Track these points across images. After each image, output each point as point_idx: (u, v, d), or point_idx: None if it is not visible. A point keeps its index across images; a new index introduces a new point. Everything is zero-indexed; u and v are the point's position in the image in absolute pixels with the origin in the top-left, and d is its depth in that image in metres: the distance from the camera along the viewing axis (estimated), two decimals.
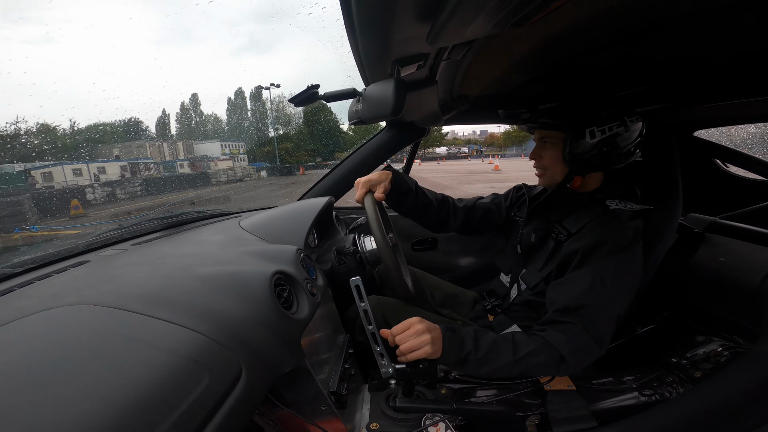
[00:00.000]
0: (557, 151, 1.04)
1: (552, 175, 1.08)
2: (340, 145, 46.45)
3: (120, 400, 0.40)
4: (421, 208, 1.27)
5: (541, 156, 1.09)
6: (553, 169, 1.07)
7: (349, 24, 0.62)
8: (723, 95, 1.09)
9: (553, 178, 1.09)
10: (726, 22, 0.66)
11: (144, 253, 0.89)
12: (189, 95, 79.02)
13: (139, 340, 0.50)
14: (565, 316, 0.91)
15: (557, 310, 0.93)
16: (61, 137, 31.79)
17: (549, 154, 1.06)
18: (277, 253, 0.88)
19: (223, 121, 53.25)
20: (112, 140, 39.14)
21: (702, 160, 1.62)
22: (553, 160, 1.06)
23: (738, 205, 1.51)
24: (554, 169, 1.07)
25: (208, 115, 56.35)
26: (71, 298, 0.60)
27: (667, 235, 1.13)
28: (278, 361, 0.64)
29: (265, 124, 48.85)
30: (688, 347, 1.22)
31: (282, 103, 48.47)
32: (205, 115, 55.62)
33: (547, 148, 1.07)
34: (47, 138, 19.20)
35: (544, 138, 1.06)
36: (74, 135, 22.63)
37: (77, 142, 34.50)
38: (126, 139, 40.03)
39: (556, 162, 1.05)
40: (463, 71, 0.97)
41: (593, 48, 0.81)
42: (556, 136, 1.03)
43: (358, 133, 34.73)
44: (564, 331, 0.89)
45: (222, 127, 49.34)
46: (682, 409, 0.95)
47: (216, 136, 50.87)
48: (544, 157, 1.08)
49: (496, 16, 0.56)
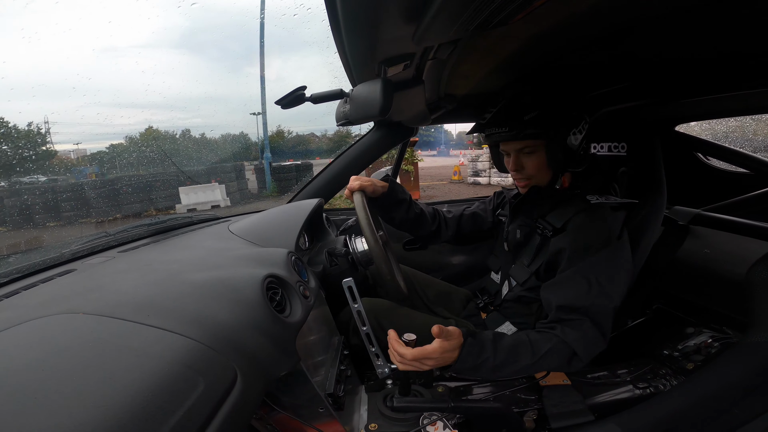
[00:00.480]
0: (540, 159, 1.03)
1: (538, 181, 1.08)
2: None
3: (114, 409, 0.40)
4: (414, 220, 1.30)
5: (523, 166, 1.06)
6: (539, 176, 1.07)
7: (335, 24, 0.62)
8: (704, 90, 1.11)
9: (540, 184, 1.09)
10: (708, 19, 0.68)
11: (132, 259, 0.88)
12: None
13: (131, 347, 0.50)
14: (572, 314, 0.92)
15: (561, 308, 0.94)
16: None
17: (532, 163, 1.05)
18: (269, 257, 0.87)
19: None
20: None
21: (684, 154, 1.66)
22: (537, 168, 1.05)
23: (720, 197, 1.54)
24: (539, 176, 1.07)
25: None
26: (59, 307, 0.58)
27: (652, 228, 1.15)
28: (273, 365, 0.64)
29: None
30: (679, 339, 1.24)
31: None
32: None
33: (528, 157, 1.04)
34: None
35: (524, 148, 1.04)
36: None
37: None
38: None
39: (540, 169, 1.05)
40: (450, 70, 0.97)
41: (578, 46, 0.82)
42: (538, 144, 1.02)
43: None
44: (575, 328, 0.90)
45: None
46: (677, 401, 0.96)
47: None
48: (527, 167, 1.06)
49: (480, 15, 0.57)
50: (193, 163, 16.33)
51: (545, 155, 1.02)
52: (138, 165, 15.47)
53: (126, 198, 10.02)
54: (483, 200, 1.45)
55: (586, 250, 0.96)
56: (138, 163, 15.88)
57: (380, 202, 1.22)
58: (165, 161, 15.07)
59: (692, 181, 1.67)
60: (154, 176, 11.60)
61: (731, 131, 1.95)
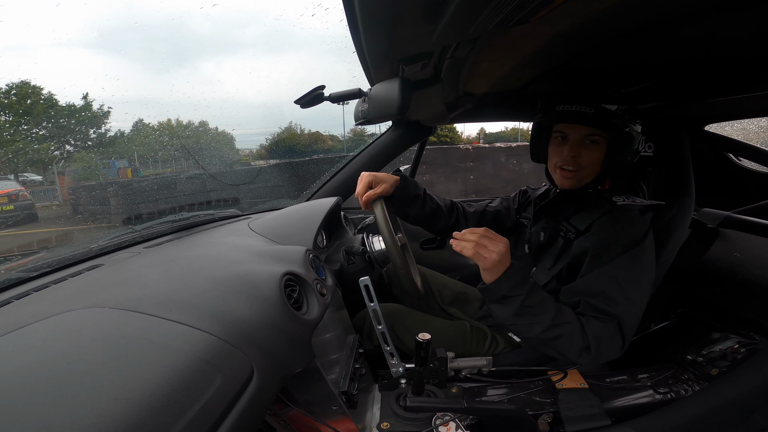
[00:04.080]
0: (600, 153, 0.99)
1: (584, 176, 1.02)
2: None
3: (134, 401, 0.41)
4: (430, 215, 1.23)
5: (581, 155, 1.00)
6: (589, 170, 1.01)
7: (353, 24, 0.63)
8: (733, 89, 1.06)
9: (583, 180, 1.03)
10: (734, 17, 0.65)
11: (156, 255, 0.91)
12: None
13: (152, 341, 0.51)
14: (599, 313, 0.90)
15: (588, 304, 0.92)
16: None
17: (592, 155, 0.99)
18: (287, 254, 0.89)
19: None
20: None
21: (714, 154, 1.59)
22: (592, 161, 1.00)
23: (752, 199, 1.48)
24: (590, 170, 1.01)
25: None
26: (86, 301, 0.61)
27: (679, 230, 1.11)
28: (289, 362, 0.65)
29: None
30: (703, 344, 1.20)
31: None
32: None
33: (590, 147, 0.99)
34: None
35: (591, 136, 0.98)
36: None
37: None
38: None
39: (595, 164, 1.00)
40: (469, 69, 0.96)
41: (600, 44, 0.80)
42: (603, 138, 0.97)
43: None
44: (602, 323, 0.89)
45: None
46: (698, 407, 0.94)
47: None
48: (583, 157, 0.99)
49: (499, 13, 0.56)
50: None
51: (605, 152, 0.98)
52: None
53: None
54: (506, 198, 1.38)
55: (612, 249, 0.93)
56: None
57: (395, 200, 1.16)
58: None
59: (722, 183, 1.61)
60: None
61: (764, 131, 1.86)
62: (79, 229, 7.66)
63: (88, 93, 19.20)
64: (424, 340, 0.85)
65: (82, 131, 16.55)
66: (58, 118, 15.69)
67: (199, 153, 15.29)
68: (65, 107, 15.65)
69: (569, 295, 0.96)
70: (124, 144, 17.19)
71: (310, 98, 0.95)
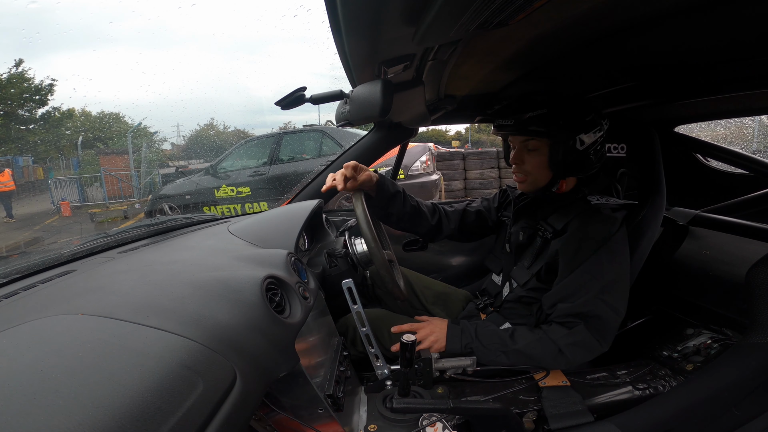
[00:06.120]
0: (542, 157, 1.03)
1: (534, 180, 1.08)
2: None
3: (113, 409, 0.40)
4: (412, 213, 1.22)
5: (524, 161, 1.07)
6: (536, 175, 1.07)
7: (335, 26, 0.62)
8: (704, 91, 1.11)
9: (535, 184, 1.09)
10: (706, 20, 0.68)
11: (131, 260, 0.88)
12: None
13: (130, 348, 0.49)
14: (568, 318, 0.96)
15: (558, 310, 0.98)
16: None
17: (533, 160, 1.05)
18: (268, 258, 0.87)
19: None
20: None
21: (683, 155, 1.66)
22: (537, 166, 1.05)
23: (720, 198, 1.55)
24: (537, 175, 1.07)
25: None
26: (59, 307, 0.58)
27: (652, 228, 1.15)
28: (273, 366, 0.64)
29: None
30: (678, 340, 1.24)
31: None
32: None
33: (530, 153, 1.05)
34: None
35: (527, 144, 1.04)
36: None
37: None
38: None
39: (540, 168, 1.05)
40: (450, 71, 0.98)
41: (578, 46, 0.83)
42: (541, 143, 1.02)
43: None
44: (570, 326, 0.96)
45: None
46: (677, 401, 0.97)
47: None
48: (527, 163, 1.06)
49: (480, 16, 0.57)
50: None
51: (547, 155, 1.02)
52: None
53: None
54: (486, 198, 1.40)
55: (584, 249, 0.97)
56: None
57: (374, 200, 1.16)
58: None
59: (691, 182, 1.68)
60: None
61: (730, 133, 1.96)
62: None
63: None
64: (409, 341, 0.84)
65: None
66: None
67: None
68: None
69: (548, 302, 1.02)
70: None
71: (291, 100, 0.94)
